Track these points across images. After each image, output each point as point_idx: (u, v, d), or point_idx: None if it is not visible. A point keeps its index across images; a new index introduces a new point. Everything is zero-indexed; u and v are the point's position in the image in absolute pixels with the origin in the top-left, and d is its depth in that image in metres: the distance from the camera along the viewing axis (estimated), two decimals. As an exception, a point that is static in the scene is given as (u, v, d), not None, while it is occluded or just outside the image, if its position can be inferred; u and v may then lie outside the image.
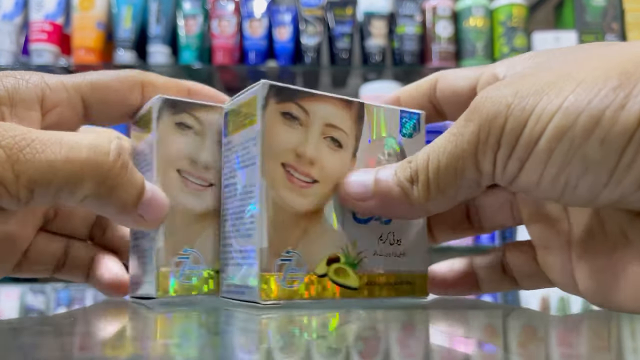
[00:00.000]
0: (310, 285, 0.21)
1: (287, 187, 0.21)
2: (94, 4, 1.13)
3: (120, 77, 0.25)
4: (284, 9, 1.17)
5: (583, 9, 1.16)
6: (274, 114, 0.21)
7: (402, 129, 0.24)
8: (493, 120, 0.18)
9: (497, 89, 0.18)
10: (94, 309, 0.29)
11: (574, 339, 0.19)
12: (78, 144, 0.19)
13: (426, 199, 0.20)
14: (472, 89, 0.23)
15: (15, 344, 0.16)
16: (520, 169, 0.18)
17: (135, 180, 0.21)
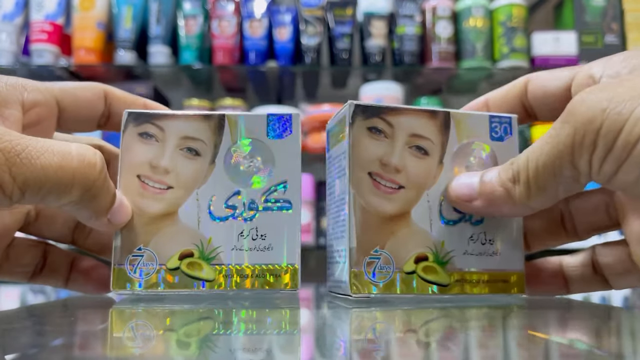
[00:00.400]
0: (398, 281, 0.23)
1: (373, 194, 0.24)
2: (94, 4, 1.13)
3: (87, 85, 0.26)
4: (284, 9, 1.17)
5: (583, 9, 1.16)
6: (361, 129, 0.24)
7: (492, 133, 0.25)
8: (588, 124, 0.19)
9: (593, 93, 0.19)
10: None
11: None
12: (69, 154, 0.20)
13: (527, 197, 0.21)
14: (566, 90, 0.23)
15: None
16: (617, 169, 0.19)
17: (111, 190, 0.23)
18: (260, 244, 0.24)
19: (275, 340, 0.17)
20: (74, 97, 0.25)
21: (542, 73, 0.25)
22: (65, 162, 0.20)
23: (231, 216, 0.24)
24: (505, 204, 0.22)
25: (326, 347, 0.16)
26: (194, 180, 0.25)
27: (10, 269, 0.26)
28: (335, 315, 0.23)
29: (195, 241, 0.24)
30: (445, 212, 0.24)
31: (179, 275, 0.24)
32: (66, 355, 0.15)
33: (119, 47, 1.14)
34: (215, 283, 0.24)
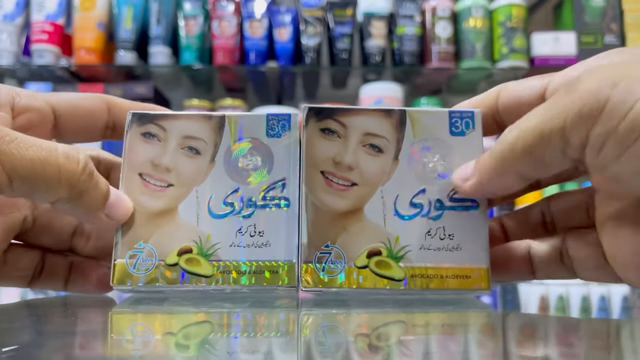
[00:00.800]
0: (350, 275, 0.23)
1: (326, 191, 0.24)
2: (94, 4, 1.14)
3: (86, 95, 0.27)
4: (284, 9, 1.17)
5: (582, 9, 1.16)
6: (314, 130, 0.25)
7: (452, 128, 0.25)
8: (593, 95, 0.17)
9: (602, 67, 0.18)
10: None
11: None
12: (56, 150, 0.21)
13: (513, 158, 0.20)
14: (539, 97, 0.23)
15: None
16: (621, 154, 0.17)
17: (101, 186, 0.23)
18: (258, 240, 0.24)
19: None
20: (72, 105, 0.26)
21: (512, 83, 0.25)
22: (51, 158, 0.21)
23: (230, 213, 0.25)
24: (493, 171, 0.21)
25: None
26: (194, 178, 0.25)
27: (8, 274, 0.26)
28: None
29: (194, 237, 0.24)
30: (401, 207, 0.24)
31: (177, 271, 0.24)
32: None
33: (119, 48, 1.14)
34: (213, 279, 0.24)
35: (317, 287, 0.23)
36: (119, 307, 0.26)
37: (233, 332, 0.20)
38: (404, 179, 0.25)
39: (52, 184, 0.21)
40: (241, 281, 0.24)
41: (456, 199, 0.24)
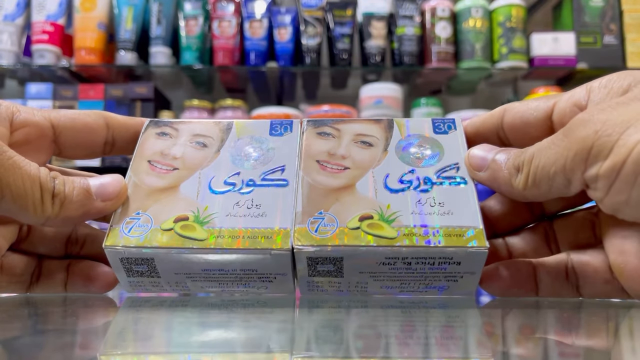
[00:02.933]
0: (342, 235, 0.24)
1: (320, 174, 0.26)
2: (95, 4, 1.14)
3: (85, 111, 0.27)
4: (284, 10, 1.17)
5: (581, 9, 1.16)
6: (311, 134, 0.28)
7: (436, 129, 0.28)
8: (582, 142, 0.20)
9: (591, 114, 0.21)
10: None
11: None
12: (37, 174, 0.22)
13: (524, 188, 0.23)
14: (546, 119, 0.25)
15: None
16: (608, 189, 0.20)
17: (77, 185, 0.24)
18: (255, 211, 0.25)
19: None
20: (72, 121, 0.26)
21: (518, 104, 0.26)
22: (36, 181, 0.22)
23: (229, 190, 0.26)
24: (505, 186, 0.24)
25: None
26: (199, 163, 0.27)
27: (6, 281, 0.26)
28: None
29: (192, 208, 0.25)
30: (391, 183, 0.25)
31: (170, 235, 0.24)
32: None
33: (119, 48, 1.14)
34: (206, 242, 0.24)
35: (308, 244, 0.23)
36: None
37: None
38: (394, 163, 0.26)
39: (38, 206, 0.22)
40: (234, 244, 0.24)
41: (445, 177, 0.25)
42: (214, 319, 0.22)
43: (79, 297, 0.27)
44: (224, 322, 0.22)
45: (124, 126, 0.28)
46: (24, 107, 0.25)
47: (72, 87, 1.14)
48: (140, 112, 1.13)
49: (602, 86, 0.23)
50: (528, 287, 0.25)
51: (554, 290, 0.25)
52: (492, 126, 0.27)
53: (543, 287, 0.25)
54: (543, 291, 0.25)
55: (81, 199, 0.23)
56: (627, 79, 0.22)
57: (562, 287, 0.25)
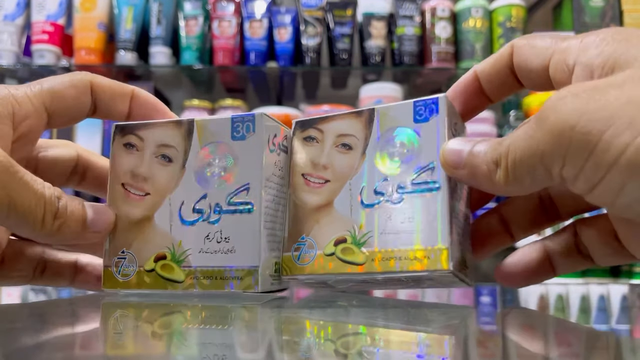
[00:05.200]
0: (319, 262, 0.25)
1: (305, 191, 0.27)
2: (95, 5, 1.14)
3: (74, 81, 0.27)
4: (284, 10, 1.17)
5: (581, 9, 1.16)
6: (298, 140, 0.28)
7: (416, 116, 0.26)
8: (557, 137, 0.18)
9: (564, 101, 0.18)
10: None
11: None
12: (43, 192, 0.23)
13: (505, 183, 0.21)
14: (546, 70, 0.23)
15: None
16: (591, 189, 0.18)
17: (76, 213, 0.24)
18: (224, 246, 0.25)
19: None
20: (62, 100, 0.26)
21: (524, 44, 0.24)
22: (41, 199, 0.22)
23: (199, 220, 0.26)
24: (486, 181, 0.22)
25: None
26: (167, 186, 0.27)
27: (6, 274, 0.26)
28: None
29: (168, 244, 0.26)
30: (366, 197, 0.26)
31: (153, 277, 0.26)
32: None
33: (119, 48, 1.14)
34: (185, 284, 0.25)
35: (293, 274, 0.26)
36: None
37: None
38: (370, 171, 0.26)
39: (38, 224, 0.22)
40: (210, 287, 0.25)
41: (418, 183, 0.25)
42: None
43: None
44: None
45: (109, 92, 0.28)
46: (19, 95, 0.24)
47: (72, 87, 1.14)
48: (140, 112, 1.12)
49: (595, 45, 0.20)
50: (544, 271, 0.25)
51: (570, 266, 0.25)
52: (506, 66, 0.25)
53: (560, 267, 0.25)
54: (560, 270, 0.25)
55: (77, 226, 0.24)
56: (620, 46, 0.20)
57: (577, 261, 0.24)
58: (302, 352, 0.16)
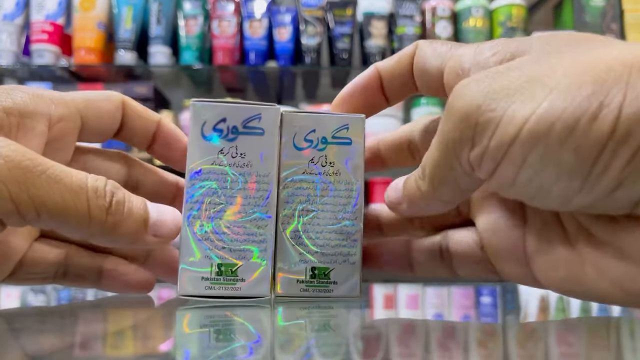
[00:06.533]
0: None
1: None
2: (94, 4, 1.13)
3: (108, 95, 0.26)
4: (284, 9, 1.17)
5: (582, 9, 1.16)
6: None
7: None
8: (465, 120, 0.18)
9: (469, 87, 0.18)
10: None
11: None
12: (85, 184, 0.20)
13: (433, 191, 0.21)
14: (440, 73, 0.23)
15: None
16: (494, 169, 0.18)
17: (136, 212, 0.21)
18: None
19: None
20: (97, 110, 0.25)
21: (427, 45, 0.24)
22: (82, 193, 0.20)
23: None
24: (421, 201, 0.22)
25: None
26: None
27: (26, 276, 0.25)
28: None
29: None
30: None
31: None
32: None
33: (119, 48, 1.14)
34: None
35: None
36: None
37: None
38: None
39: (83, 221, 0.20)
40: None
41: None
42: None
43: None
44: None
45: (138, 116, 0.26)
46: (56, 97, 0.24)
47: (72, 86, 1.14)
48: (140, 112, 1.12)
49: (488, 47, 0.21)
50: (402, 265, 0.26)
51: (428, 269, 0.25)
52: (409, 66, 0.24)
53: (418, 266, 0.26)
54: (418, 270, 0.26)
55: (136, 226, 0.21)
56: (515, 44, 0.20)
57: (437, 266, 0.25)
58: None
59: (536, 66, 0.18)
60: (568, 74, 0.17)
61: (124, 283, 0.26)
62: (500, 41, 0.21)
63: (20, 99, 0.22)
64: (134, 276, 0.26)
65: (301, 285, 0.24)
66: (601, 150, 0.16)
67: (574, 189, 0.17)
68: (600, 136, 0.16)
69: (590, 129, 0.16)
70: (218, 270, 0.24)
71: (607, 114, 0.16)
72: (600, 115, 0.16)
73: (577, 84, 0.16)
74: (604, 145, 0.16)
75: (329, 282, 0.24)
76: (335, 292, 0.24)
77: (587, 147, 0.16)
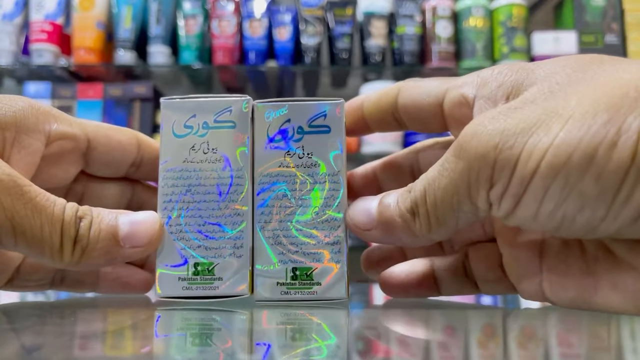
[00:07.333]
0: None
1: None
2: (94, 4, 1.13)
3: (120, 128, 0.26)
4: (284, 9, 1.17)
5: (583, 9, 1.16)
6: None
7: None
8: (482, 160, 0.18)
9: (483, 125, 0.18)
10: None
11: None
12: (62, 214, 0.20)
13: (428, 230, 0.20)
14: (437, 106, 0.23)
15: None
16: (515, 205, 0.18)
17: (104, 229, 0.21)
18: None
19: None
20: (107, 137, 0.25)
21: (412, 85, 0.24)
22: (59, 225, 0.20)
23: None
24: (406, 235, 0.21)
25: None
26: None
27: (23, 283, 0.25)
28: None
29: None
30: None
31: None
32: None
33: (118, 47, 1.14)
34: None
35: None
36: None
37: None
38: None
39: (56, 255, 0.20)
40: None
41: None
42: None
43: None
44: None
45: (154, 150, 0.26)
46: (60, 115, 0.23)
47: (71, 86, 1.14)
48: (139, 112, 1.12)
49: (493, 78, 0.21)
50: (427, 286, 0.25)
51: (454, 288, 0.25)
52: (388, 106, 0.24)
53: (444, 286, 0.25)
54: (445, 290, 0.25)
55: (105, 246, 0.21)
56: (520, 74, 0.20)
57: (463, 284, 0.24)
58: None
59: (550, 97, 0.18)
60: (582, 102, 0.17)
61: (123, 285, 0.26)
62: (502, 70, 0.21)
63: (20, 109, 0.22)
64: (132, 277, 0.26)
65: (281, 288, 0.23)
66: (624, 177, 0.16)
67: (598, 217, 0.17)
68: (622, 163, 0.16)
69: (610, 156, 0.16)
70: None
71: (626, 140, 0.16)
72: (620, 142, 0.16)
73: (592, 113, 0.16)
74: (626, 171, 0.16)
75: (312, 283, 0.23)
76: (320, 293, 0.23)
77: (609, 175, 0.16)
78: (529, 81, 0.19)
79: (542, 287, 0.21)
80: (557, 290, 0.21)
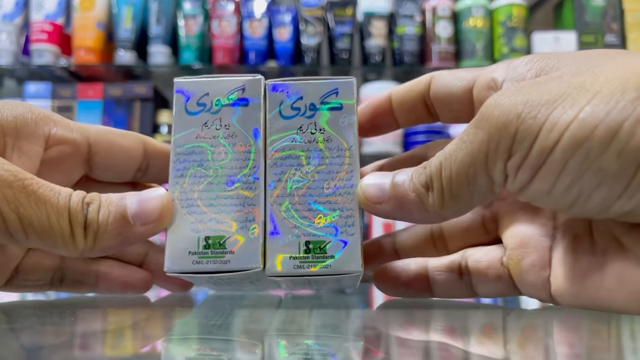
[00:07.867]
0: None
1: None
2: (94, 4, 1.13)
3: (124, 133, 0.25)
4: (284, 9, 1.17)
5: (583, 9, 1.16)
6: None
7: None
8: (503, 129, 0.18)
9: (506, 96, 0.18)
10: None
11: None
12: (68, 202, 0.20)
13: (441, 206, 0.20)
14: (468, 91, 0.23)
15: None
16: (532, 177, 0.18)
17: (113, 210, 0.21)
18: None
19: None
20: (109, 143, 0.25)
21: (446, 72, 0.24)
22: (66, 213, 0.20)
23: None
24: (418, 210, 0.21)
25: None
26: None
27: (22, 283, 0.25)
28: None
29: None
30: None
31: None
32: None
33: (118, 47, 1.14)
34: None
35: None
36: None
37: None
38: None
39: (69, 242, 0.20)
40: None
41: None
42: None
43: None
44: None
45: (163, 154, 0.26)
46: (61, 120, 0.23)
47: (71, 86, 1.14)
48: (140, 112, 1.12)
49: (523, 64, 0.21)
50: (419, 286, 0.24)
51: (447, 289, 0.24)
52: (419, 94, 0.24)
53: (436, 287, 0.24)
54: (436, 291, 0.24)
55: (117, 227, 0.20)
56: (551, 59, 0.20)
57: (456, 286, 0.24)
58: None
59: (577, 74, 0.18)
60: (611, 80, 0.17)
61: (122, 284, 0.26)
62: (532, 58, 0.21)
63: (20, 114, 0.22)
64: (132, 277, 0.26)
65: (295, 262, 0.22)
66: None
67: (615, 195, 0.17)
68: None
69: (634, 133, 0.16)
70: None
71: None
72: None
73: (620, 90, 0.16)
74: None
75: (325, 256, 0.22)
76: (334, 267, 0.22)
77: (631, 151, 0.16)
78: (559, 64, 0.19)
79: (550, 280, 0.21)
80: (563, 283, 0.20)
